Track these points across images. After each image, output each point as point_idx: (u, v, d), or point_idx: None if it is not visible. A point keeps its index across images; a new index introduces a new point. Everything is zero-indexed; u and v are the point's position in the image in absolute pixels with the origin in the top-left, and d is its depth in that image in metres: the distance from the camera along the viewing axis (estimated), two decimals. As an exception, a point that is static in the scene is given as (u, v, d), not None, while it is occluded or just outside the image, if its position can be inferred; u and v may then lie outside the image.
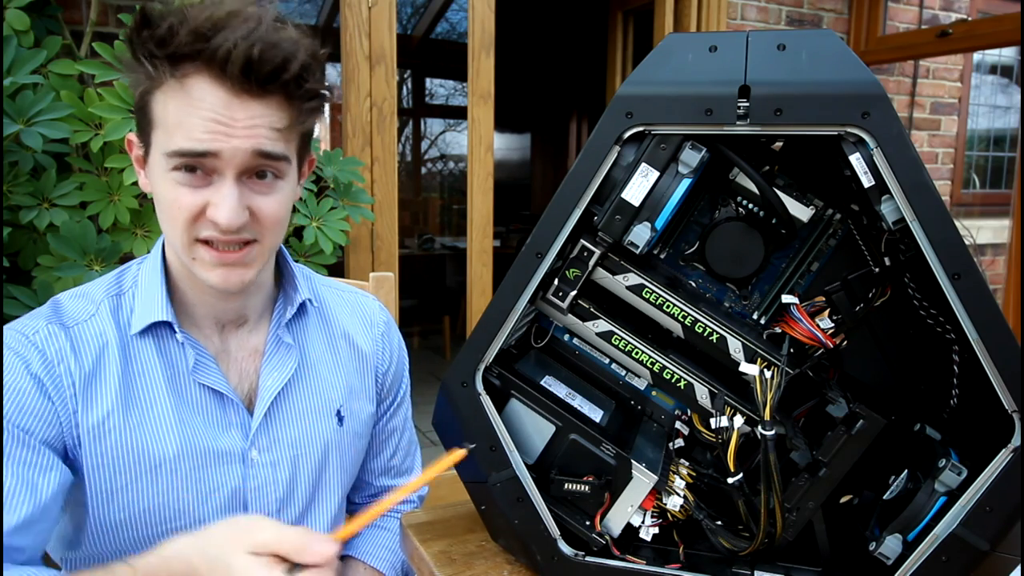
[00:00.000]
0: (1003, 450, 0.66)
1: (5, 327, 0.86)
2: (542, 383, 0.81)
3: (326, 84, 0.86)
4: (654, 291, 0.77)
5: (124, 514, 0.88)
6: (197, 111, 0.77)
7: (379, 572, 1.09)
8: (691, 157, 0.70)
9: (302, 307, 1.00)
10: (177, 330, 0.89)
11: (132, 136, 0.88)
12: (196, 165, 0.79)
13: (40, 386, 0.82)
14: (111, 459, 0.86)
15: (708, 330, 0.77)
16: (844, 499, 0.81)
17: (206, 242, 0.82)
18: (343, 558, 1.10)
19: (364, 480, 1.15)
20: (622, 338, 0.80)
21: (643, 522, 0.78)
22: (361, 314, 1.09)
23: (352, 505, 1.17)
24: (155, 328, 0.89)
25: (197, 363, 0.90)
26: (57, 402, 0.83)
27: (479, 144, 2.54)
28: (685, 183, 0.71)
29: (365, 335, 1.07)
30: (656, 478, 0.76)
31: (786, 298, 0.79)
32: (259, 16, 0.78)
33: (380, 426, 1.12)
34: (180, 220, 0.81)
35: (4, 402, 0.80)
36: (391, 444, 1.15)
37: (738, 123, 0.66)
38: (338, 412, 1.01)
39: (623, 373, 0.85)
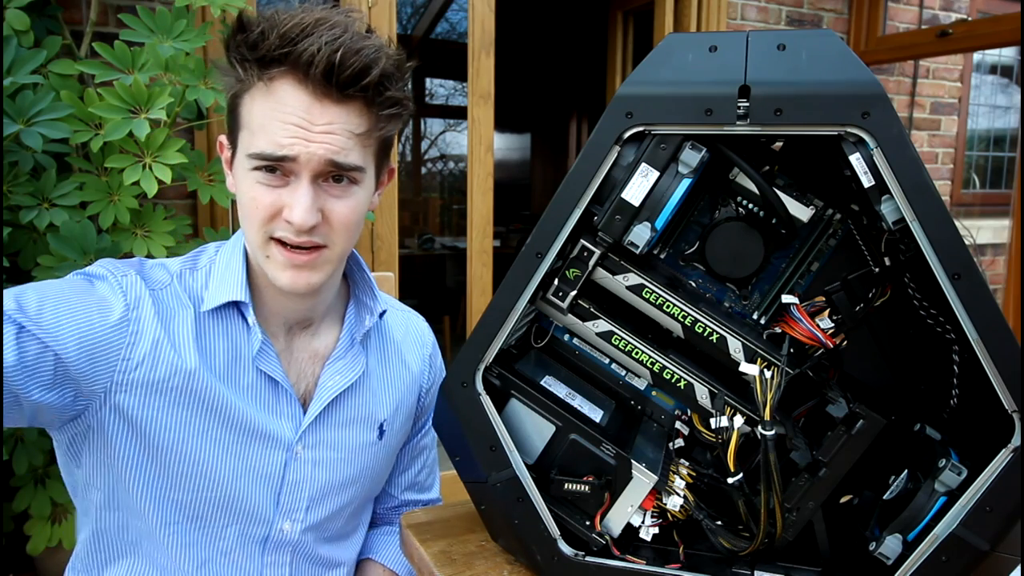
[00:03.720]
0: (1003, 450, 0.66)
1: (99, 261, 0.89)
2: (542, 383, 0.81)
3: (408, 94, 0.88)
4: (654, 291, 0.77)
5: (169, 473, 0.89)
6: (280, 114, 0.80)
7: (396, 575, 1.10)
8: (691, 157, 0.70)
9: (381, 319, 1.02)
10: (249, 313, 0.90)
11: (223, 139, 0.92)
12: (275, 167, 0.82)
13: (112, 313, 0.83)
14: (186, 410, 0.87)
15: (708, 330, 0.77)
16: (844, 499, 0.81)
17: (280, 242, 0.85)
18: (361, 562, 1.11)
19: (388, 492, 1.16)
20: (622, 338, 0.80)
21: (643, 522, 0.78)
22: (415, 333, 1.11)
23: (373, 515, 1.19)
24: (225, 309, 0.91)
25: (261, 349, 0.91)
26: (119, 339, 0.84)
27: (479, 144, 2.54)
28: (685, 183, 0.71)
29: (415, 354, 1.09)
30: (656, 478, 0.76)
31: (786, 298, 0.79)
32: (345, 24, 0.81)
33: (413, 443, 1.14)
34: (257, 218, 0.84)
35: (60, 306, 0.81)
36: (420, 461, 1.16)
37: (738, 123, 0.66)
38: (381, 426, 1.02)
39: (623, 373, 0.85)
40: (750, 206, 0.80)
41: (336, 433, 0.98)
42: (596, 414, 0.81)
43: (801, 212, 0.77)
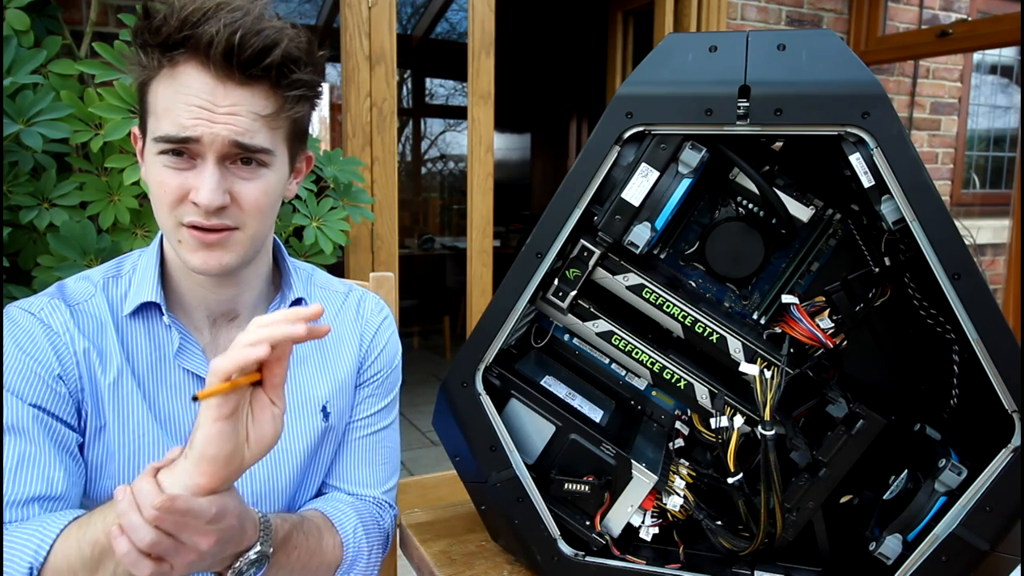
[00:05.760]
0: (1003, 450, 0.66)
1: (10, 304, 0.90)
2: (542, 383, 0.81)
3: (317, 78, 0.89)
4: (654, 291, 0.77)
5: (112, 482, 0.89)
6: (184, 96, 0.81)
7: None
8: (691, 157, 0.70)
9: (294, 305, 1.00)
10: (164, 312, 0.91)
11: (135, 130, 0.92)
12: (181, 150, 0.83)
13: (44, 352, 0.86)
14: (127, 418, 0.89)
15: (708, 330, 0.77)
16: (844, 499, 0.81)
17: (191, 226, 0.85)
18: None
19: (331, 484, 1.06)
20: (622, 338, 0.80)
21: (643, 522, 0.78)
22: (355, 311, 1.09)
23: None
24: (145, 310, 0.92)
25: (181, 347, 0.91)
26: (66, 367, 0.86)
27: (479, 144, 2.54)
28: (685, 183, 0.71)
29: (352, 331, 1.07)
30: (656, 478, 0.76)
31: (786, 298, 0.79)
32: (247, 8, 0.82)
33: (357, 421, 1.06)
34: (166, 202, 0.84)
35: (10, 372, 0.84)
36: (366, 449, 1.07)
37: (738, 123, 0.66)
38: (324, 408, 1.01)
39: (623, 373, 0.85)
40: (750, 206, 0.80)
41: None
42: (596, 414, 0.81)
43: (801, 212, 0.77)
